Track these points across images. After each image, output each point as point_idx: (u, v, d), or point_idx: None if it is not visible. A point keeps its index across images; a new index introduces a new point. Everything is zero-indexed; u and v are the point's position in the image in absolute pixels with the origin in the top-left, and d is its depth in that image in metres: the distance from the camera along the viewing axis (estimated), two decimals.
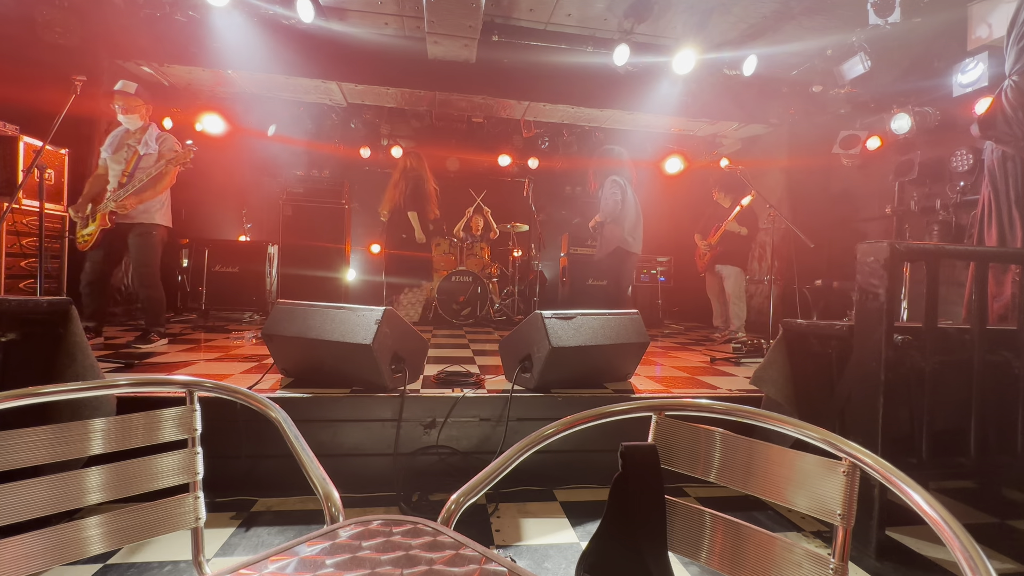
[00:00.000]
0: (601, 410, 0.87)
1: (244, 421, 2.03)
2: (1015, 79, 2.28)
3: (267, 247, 5.72)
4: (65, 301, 1.72)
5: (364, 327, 2.14)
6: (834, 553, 0.66)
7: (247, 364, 2.89)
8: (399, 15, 4.62)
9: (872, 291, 1.75)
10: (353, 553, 0.57)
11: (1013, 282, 2.32)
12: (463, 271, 5.47)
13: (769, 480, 0.74)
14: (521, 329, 2.45)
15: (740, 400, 2.49)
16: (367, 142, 7.19)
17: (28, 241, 3.68)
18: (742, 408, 0.79)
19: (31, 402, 0.77)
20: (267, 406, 0.90)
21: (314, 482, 0.80)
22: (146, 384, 0.94)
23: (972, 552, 0.50)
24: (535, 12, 4.60)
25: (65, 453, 0.77)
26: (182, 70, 5.05)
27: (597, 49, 4.84)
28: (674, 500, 0.81)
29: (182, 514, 0.88)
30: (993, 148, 2.47)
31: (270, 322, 2.39)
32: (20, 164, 3.59)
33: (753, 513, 2.05)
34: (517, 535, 1.81)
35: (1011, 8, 2.38)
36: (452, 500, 0.78)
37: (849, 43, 4.52)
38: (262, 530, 1.79)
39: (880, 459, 0.63)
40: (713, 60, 4.85)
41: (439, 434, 2.22)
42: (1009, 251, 2.18)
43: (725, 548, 0.76)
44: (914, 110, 4.52)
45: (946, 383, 1.77)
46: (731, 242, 4.77)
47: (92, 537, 0.79)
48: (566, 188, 8.51)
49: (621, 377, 2.69)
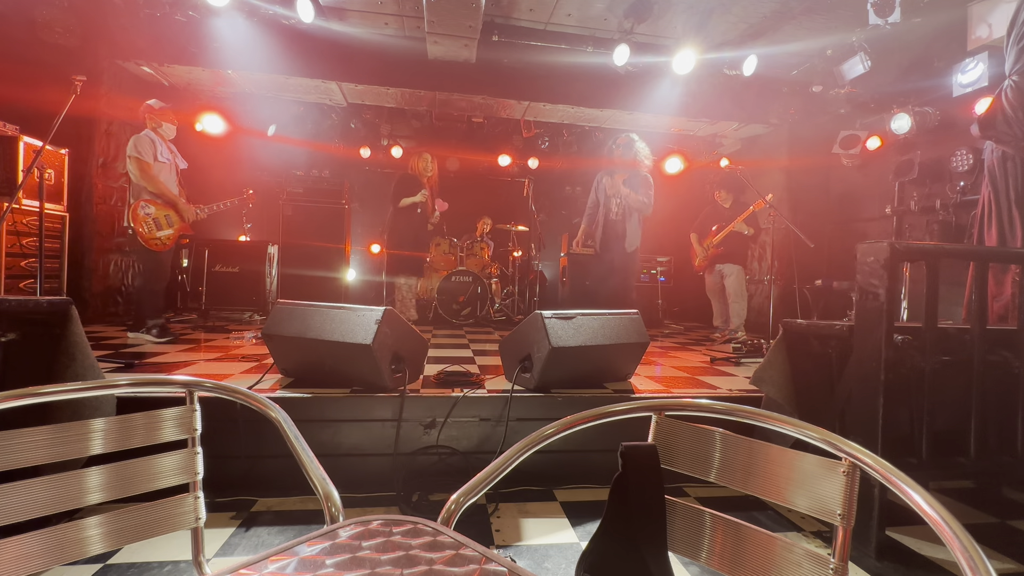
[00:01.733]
0: (601, 410, 0.87)
1: (244, 421, 2.03)
2: (1015, 79, 2.28)
3: (267, 247, 5.72)
4: (65, 301, 1.72)
5: (364, 327, 2.14)
6: (834, 553, 0.66)
7: (247, 364, 2.89)
8: (399, 15, 4.62)
9: (872, 291, 1.75)
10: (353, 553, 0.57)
11: (1013, 282, 2.32)
12: (463, 271, 5.47)
13: (769, 480, 0.74)
14: (521, 329, 2.45)
15: (740, 400, 2.49)
16: (367, 142, 7.19)
17: (28, 241, 3.68)
18: (742, 408, 0.79)
19: (31, 402, 0.77)
20: (267, 406, 0.90)
21: (314, 482, 0.80)
22: (146, 384, 0.94)
23: (972, 552, 0.50)
24: (535, 12, 4.60)
25: (65, 453, 0.77)
26: (182, 70, 5.05)
27: (597, 49, 4.84)
28: (674, 500, 0.81)
29: (182, 514, 0.88)
30: (993, 148, 2.47)
31: (270, 322, 2.39)
32: (20, 164, 3.59)
33: (753, 513, 2.05)
34: (517, 535, 1.81)
35: (1011, 8, 2.38)
36: (452, 500, 0.78)
37: (849, 43, 4.52)
38: (262, 530, 1.79)
39: (880, 459, 0.63)
40: (713, 60, 4.85)
41: (439, 434, 2.22)
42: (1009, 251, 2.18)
43: (725, 548, 0.76)
44: (914, 110, 4.51)
45: (946, 383, 1.77)
46: (734, 242, 4.78)
47: (92, 537, 0.79)
48: (566, 188, 8.51)
49: (621, 377, 2.69)
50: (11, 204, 3.12)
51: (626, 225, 4.37)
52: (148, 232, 3.52)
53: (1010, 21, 2.36)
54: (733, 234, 4.74)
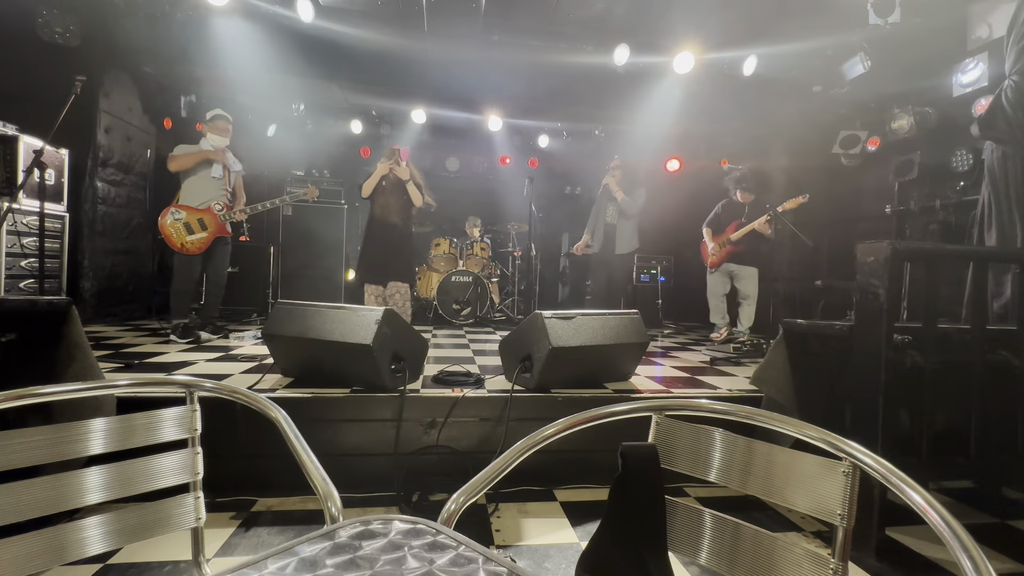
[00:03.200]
0: (601, 410, 0.87)
1: (244, 421, 2.03)
2: (1015, 79, 2.28)
3: (267, 247, 5.72)
4: (65, 301, 1.72)
5: (364, 327, 2.14)
6: (834, 553, 0.67)
7: (247, 364, 2.89)
8: (399, 15, 4.62)
9: (872, 291, 1.75)
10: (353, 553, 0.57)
11: (1013, 282, 2.32)
12: (463, 271, 5.47)
13: (769, 480, 0.74)
14: (521, 329, 2.45)
15: (740, 400, 2.49)
16: (367, 142, 7.18)
17: (28, 241, 3.68)
18: (742, 408, 0.79)
19: (31, 402, 0.77)
20: (267, 406, 0.90)
21: (314, 482, 0.80)
22: (146, 384, 0.94)
23: (972, 552, 0.50)
24: (535, 12, 4.59)
25: (65, 453, 0.77)
26: (182, 70, 5.05)
27: (597, 49, 4.84)
28: (674, 500, 0.81)
29: (182, 514, 0.88)
30: (993, 148, 2.47)
31: (270, 322, 2.39)
32: (20, 164, 3.59)
33: (753, 513, 2.05)
34: (517, 535, 1.81)
35: (1011, 8, 2.38)
36: (452, 500, 0.78)
37: (849, 43, 4.52)
38: (262, 530, 1.79)
39: (880, 459, 0.63)
40: (713, 60, 4.85)
41: (439, 434, 2.22)
42: (1009, 251, 2.18)
43: (725, 548, 0.76)
44: (914, 110, 4.51)
45: (946, 383, 1.77)
46: (754, 241, 4.66)
47: (92, 537, 0.79)
48: (566, 188, 8.50)
49: (621, 377, 2.69)
50: (11, 204, 3.12)
51: (617, 229, 4.90)
52: (177, 236, 3.67)
53: (1010, 21, 2.35)
54: (754, 233, 4.61)
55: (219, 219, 3.83)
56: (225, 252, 4.01)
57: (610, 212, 4.97)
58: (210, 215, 3.80)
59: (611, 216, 4.97)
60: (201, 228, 3.74)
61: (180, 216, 3.70)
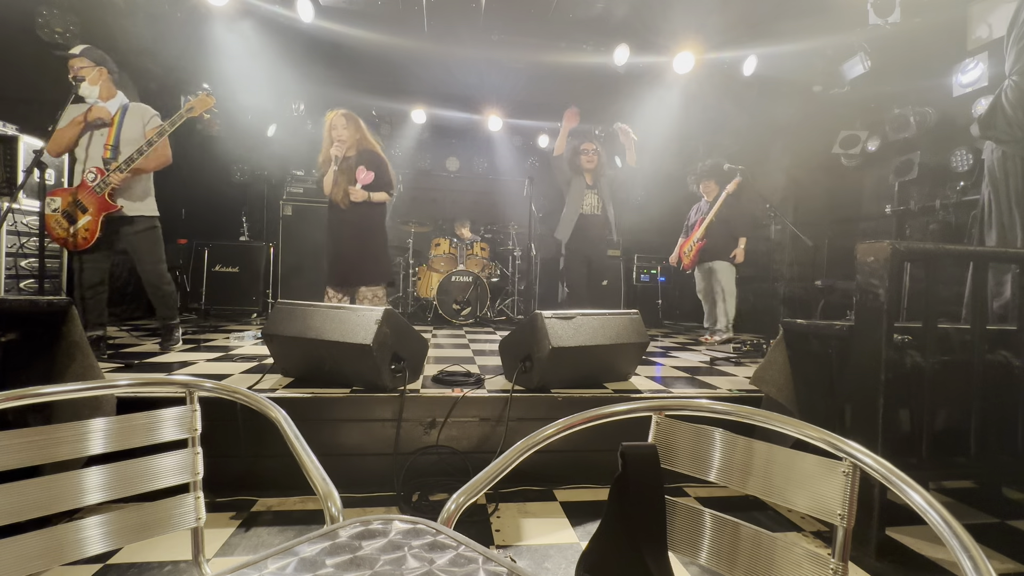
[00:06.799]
0: (601, 410, 0.87)
1: (244, 421, 2.02)
2: (1015, 79, 2.28)
3: (267, 247, 5.72)
4: (65, 301, 1.72)
5: (364, 327, 2.14)
6: (834, 553, 0.66)
7: (247, 364, 2.89)
8: (399, 15, 4.62)
9: (872, 291, 1.75)
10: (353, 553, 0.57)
11: (1013, 282, 2.32)
12: (463, 271, 5.47)
13: (769, 480, 0.74)
14: (521, 329, 2.45)
15: (740, 400, 2.49)
16: None
17: (28, 241, 3.68)
18: (742, 408, 0.79)
19: (31, 402, 0.76)
20: (267, 406, 0.90)
21: (314, 482, 0.80)
22: (146, 384, 0.94)
23: (972, 552, 0.50)
24: (535, 12, 4.60)
25: (65, 453, 0.77)
26: (182, 70, 5.05)
27: (597, 49, 4.84)
28: (674, 500, 0.81)
29: (182, 514, 0.88)
30: (993, 148, 2.47)
31: (270, 322, 2.39)
32: (20, 164, 3.59)
33: (753, 513, 2.05)
34: (517, 535, 1.81)
35: (1011, 8, 2.38)
36: (452, 500, 0.78)
37: (849, 43, 4.53)
38: (262, 530, 1.79)
39: (880, 459, 0.63)
40: (713, 60, 4.86)
41: (439, 434, 2.22)
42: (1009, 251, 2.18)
43: (725, 548, 0.76)
44: (914, 110, 4.51)
45: (946, 383, 1.77)
46: (718, 234, 4.66)
47: (92, 537, 0.79)
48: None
49: (621, 377, 2.69)
50: (11, 204, 3.12)
51: None
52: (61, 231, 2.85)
53: (1010, 21, 2.35)
54: (715, 225, 4.62)
55: (94, 191, 2.82)
56: (147, 238, 3.00)
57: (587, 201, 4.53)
58: (85, 191, 2.83)
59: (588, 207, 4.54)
60: (81, 211, 2.83)
61: (56, 205, 2.82)
